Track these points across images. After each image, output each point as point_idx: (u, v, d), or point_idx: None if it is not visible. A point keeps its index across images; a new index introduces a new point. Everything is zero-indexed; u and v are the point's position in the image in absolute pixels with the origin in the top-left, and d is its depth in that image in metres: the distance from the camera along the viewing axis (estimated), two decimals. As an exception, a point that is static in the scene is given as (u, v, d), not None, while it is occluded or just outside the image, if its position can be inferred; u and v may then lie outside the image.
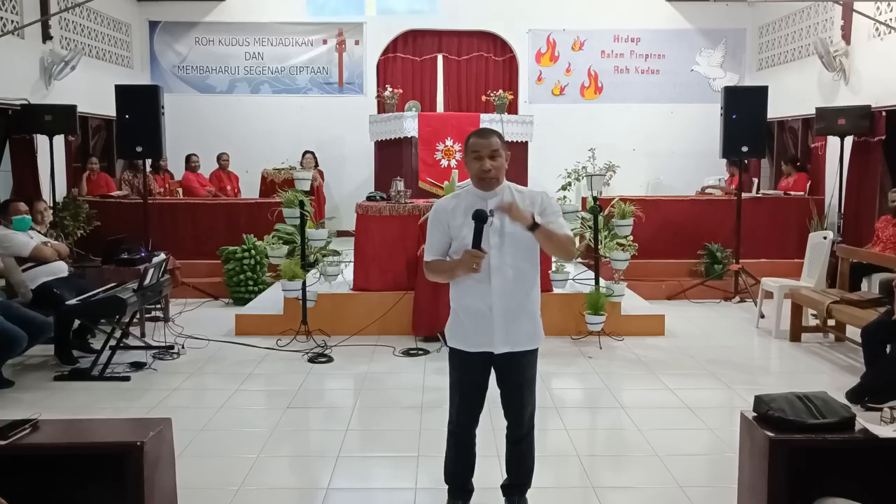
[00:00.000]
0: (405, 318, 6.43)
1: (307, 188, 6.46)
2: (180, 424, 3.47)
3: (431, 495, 3.44)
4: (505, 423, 3.15)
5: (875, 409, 2.90)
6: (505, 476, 3.26)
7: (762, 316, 7.03)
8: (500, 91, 9.66)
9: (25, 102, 7.94)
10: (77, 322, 5.83)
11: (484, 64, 11.73)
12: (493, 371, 3.07)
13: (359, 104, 11.12)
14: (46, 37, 8.52)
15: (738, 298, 8.04)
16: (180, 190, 10.14)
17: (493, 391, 3.11)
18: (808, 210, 8.77)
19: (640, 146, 11.36)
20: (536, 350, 3.08)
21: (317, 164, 10.66)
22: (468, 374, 3.05)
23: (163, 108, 7.65)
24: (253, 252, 7.81)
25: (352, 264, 6.84)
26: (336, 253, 7.19)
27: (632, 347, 6.19)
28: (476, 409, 3.10)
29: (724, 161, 9.64)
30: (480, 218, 2.83)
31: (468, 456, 3.18)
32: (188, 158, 10.24)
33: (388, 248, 6.57)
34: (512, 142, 9.15)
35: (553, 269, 6.60)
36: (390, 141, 8.79)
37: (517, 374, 3.04)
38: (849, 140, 8.33)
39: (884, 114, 7.95)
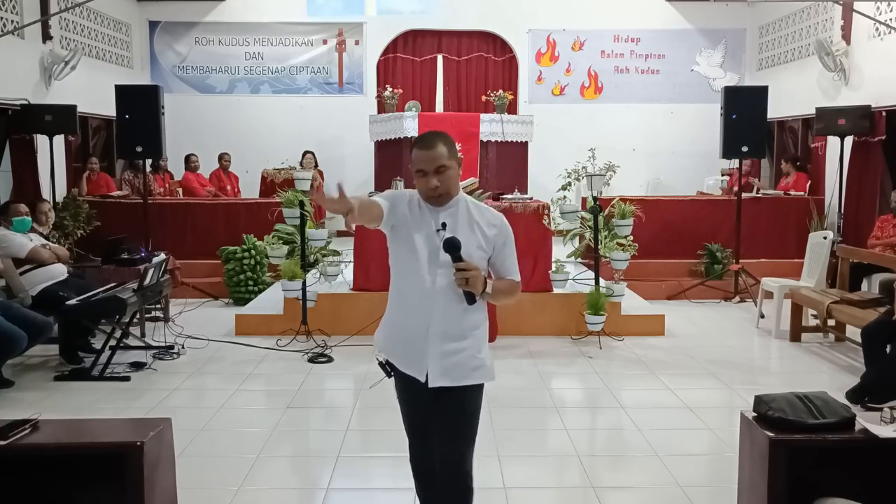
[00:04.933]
0: (405, 318, 6.41)
1: (307, 188, 6.46)
2: (180, 424, 3.46)
3: (431, 495, 3.43)
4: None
5: (875, 409, 2.91)
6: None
7: (762, 316, 7.03)
8: (500, 91, 9.68)
9: (25, 102, 7.95)
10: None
11: (484, 64, 11.73)
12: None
13: (359, 104, 11.13)
14: (46, 37, 8.51)
15: (738, 298, 8.03)
16: (180, 190, 10.14)
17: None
18: (808, 210, 8.77)
19: (640, 146, 11.35)
20: (482, 386, 2.62)
21: (317, 164, 10.64)
22: (407, 394, 2.66)
23: (163, 108, 7.65)
24: (253, 252, 7.80)
25: (352, 264, 6.83)
26: (336, 253, 7.19)
27: (632, 347, 6.19)
28: (427, 437, 2.63)
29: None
30: (453, 249, 2.48)
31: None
32: (188, 158, 10.23)
33: (388, 248, 6.54)
34: (512, 142, 9.17)
35: (553, 269, 6.60)
36: (390, 141, 8.80)
37: (455, 404, 2.55)
38: (849, 140, 8.33)
39: (884, 114, 7.95)
